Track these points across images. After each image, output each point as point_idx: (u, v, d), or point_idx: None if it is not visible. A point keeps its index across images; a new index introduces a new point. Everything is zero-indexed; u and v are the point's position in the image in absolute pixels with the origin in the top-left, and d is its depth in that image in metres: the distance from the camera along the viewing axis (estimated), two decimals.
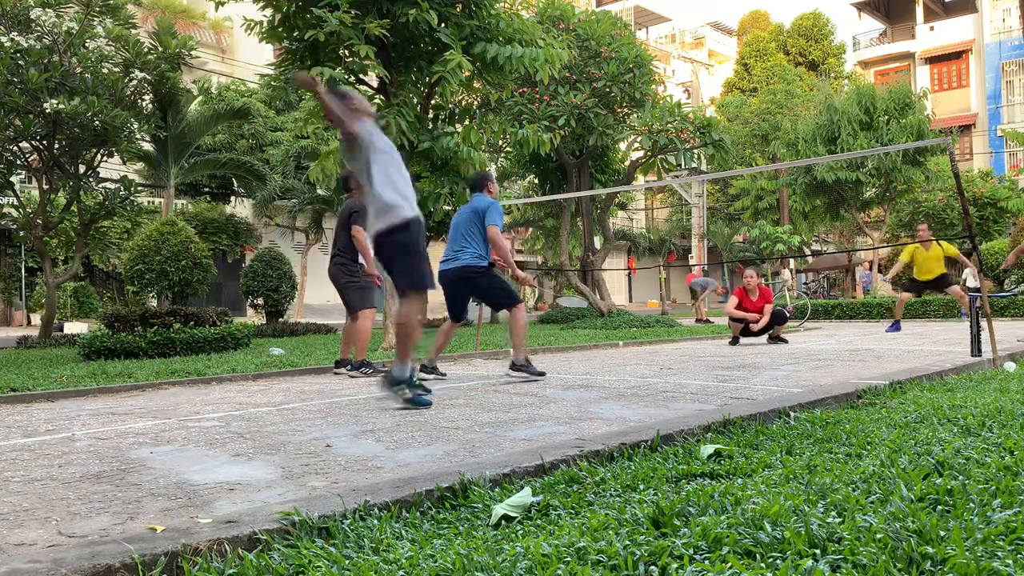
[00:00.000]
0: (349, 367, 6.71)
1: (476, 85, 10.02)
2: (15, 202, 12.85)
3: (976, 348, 6.73)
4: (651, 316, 15.98)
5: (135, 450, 3.32)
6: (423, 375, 6.29)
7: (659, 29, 52.11)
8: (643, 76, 15.47)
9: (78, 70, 11.13)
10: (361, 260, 6.70)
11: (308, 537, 1.94)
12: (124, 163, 14.00)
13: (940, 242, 12.38)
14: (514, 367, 6.00)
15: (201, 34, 28.37)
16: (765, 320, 9.91)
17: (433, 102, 9.43)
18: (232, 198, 25.79)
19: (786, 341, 10.06)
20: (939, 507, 1.94)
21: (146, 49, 11.84)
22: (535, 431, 3.56)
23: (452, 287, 6.31)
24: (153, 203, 20.46)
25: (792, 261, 29.27)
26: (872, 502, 2.00)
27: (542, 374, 6.05)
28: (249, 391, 5.64)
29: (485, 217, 6.20)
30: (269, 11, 8.50)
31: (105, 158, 12.61)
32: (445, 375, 6.53)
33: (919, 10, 37.41)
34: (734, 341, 10.12)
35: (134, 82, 11.93)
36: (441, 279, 6.33)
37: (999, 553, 1.58)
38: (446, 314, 6.63)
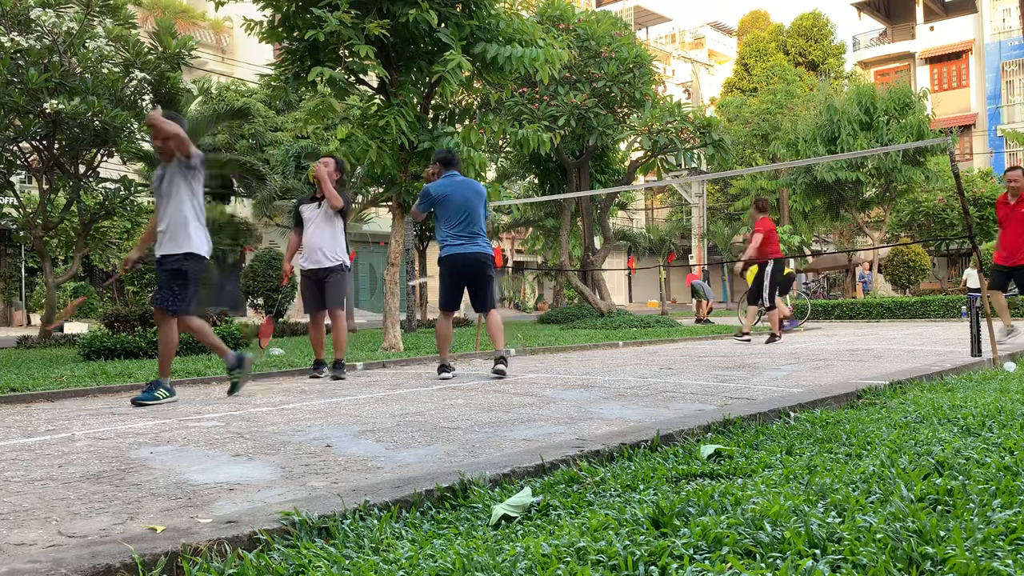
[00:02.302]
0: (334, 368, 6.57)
1: (476, 85, 10.02)
2: (15, 202, 12.85)
3: (976, 348, 6.73)
4: (651, 316, 15.99)
5: (135, 450, 3.32)
6: (445, 375, 6.08)
7: (659, 29, 52.14)
8: (643, 76, 15.47)
9: (78, 70, 11.13)
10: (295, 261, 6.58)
11: (308, 537, 1.94)
12: (124, 163, 13.99)
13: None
14: (504, 360, 5.96)
15: (201, 34, 28.36)
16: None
17: (433, 102, 9.43)
18: (232, 198, 25.77)
19: (779, 338, 10.19)
20: (939, 507, 1.94)
21: (146, 49, 11.84)
22: (535, 431, 3.56)
23: (463, 273, 5.88)
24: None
25: (792, 261, 29.25)
26: (872, 502, 2.00)
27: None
28: (249, 391, 5.63)
29: (485, 204, 5.99)
30: (269, 11, 8.50)
31: (105, 158, 12.61)
32: (455, 371, 6.40)
33: (919, 10, 37.41)
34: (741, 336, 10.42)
35: (134, 82, 11.93)
36: (451, 262, 5.89)
37: (999, 553, 1.58)
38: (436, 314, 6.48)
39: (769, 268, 10.12)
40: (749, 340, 10.27)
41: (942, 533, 1.68)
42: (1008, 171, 7.13)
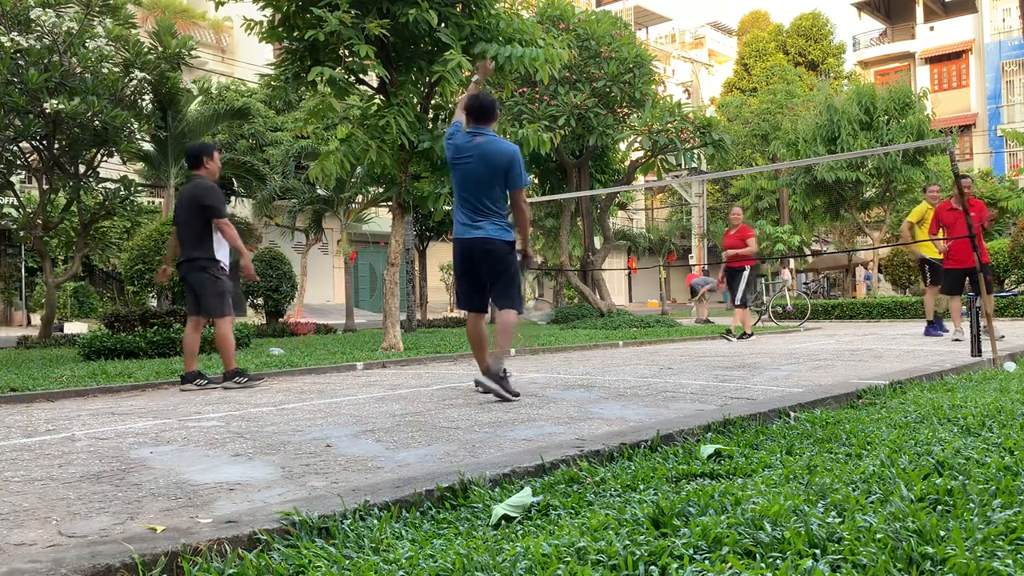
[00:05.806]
0: (204, 380, 5.83)
1: None
2: (15, 202, 12.85)
3: (976, 348, 6.73)
4: (651, 316, 15.99)
5: (135, 450, 3.32)
6: (500, 384, 4.90)
7: (659, 29, 52.18)
8: (643, 76, 15.47)
9: (78, 70, 11.13)
10: (220, 256, 5.84)
11: (308, 537, 1.94)
12: (124, 163, 14.00)
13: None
14: (491, 375, 4.68)
15: (201, 34, 28.36)
16: (749, 249, 10.53)
17: (433, 102, 9.43)
18: (232, 198, 25.78)
19: (751, 335, 10.74)
20: (939, 507, 1.94)
21: (146, 49, 11.85)
22: (535, 431, 3.56)
23: (472, 263, 4.79)
24: (153, 203, 20.45)
25: (792, 261, 29.26)
26: (872, 502, 2.00)
27: (516, 395, 4.67)
28: (249, 391, 5.63)
29: (510, 174, 4.68)
30: (269, 11, 8.50)
31: (105, 158, 12.61)
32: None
33: (919, 10, 37.42)
34: (742, 336, 10.64)
35: (134, 82, 11.94)
36: (456, 248, 4.89)
37: (999, 553, 1.58)
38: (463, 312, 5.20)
39: (745, 273, 10.89)
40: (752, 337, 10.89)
41: (942, 533, 1.68)
42: (960, 178, 7.09)
